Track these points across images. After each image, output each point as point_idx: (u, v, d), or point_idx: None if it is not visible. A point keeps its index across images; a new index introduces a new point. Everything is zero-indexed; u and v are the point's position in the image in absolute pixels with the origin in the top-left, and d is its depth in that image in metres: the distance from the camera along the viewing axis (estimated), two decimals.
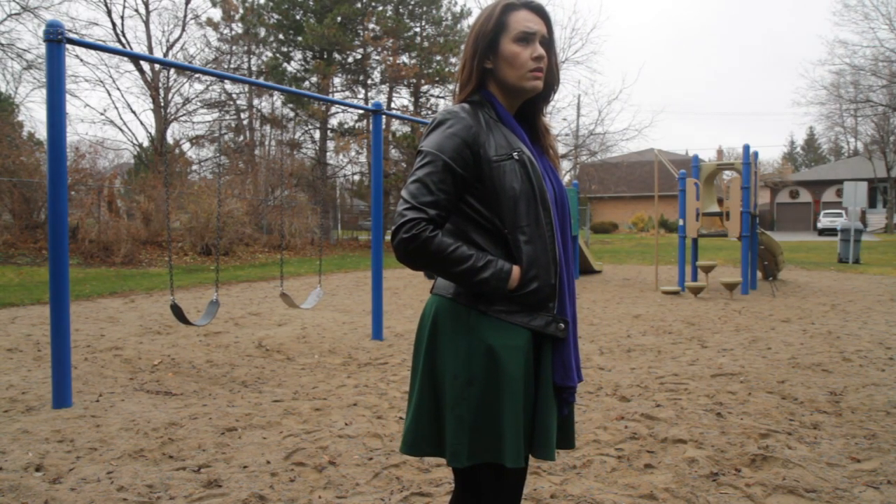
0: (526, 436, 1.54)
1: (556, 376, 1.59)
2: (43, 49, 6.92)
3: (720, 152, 47.93)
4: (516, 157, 1.54)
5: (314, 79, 25.03)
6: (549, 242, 1.56)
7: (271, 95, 26.44)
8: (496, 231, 1.54)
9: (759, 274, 12.42)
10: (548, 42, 1.63)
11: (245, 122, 27.15)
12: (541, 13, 1.62)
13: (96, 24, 30.96)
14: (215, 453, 3.23)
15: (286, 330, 6.97)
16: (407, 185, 1.50)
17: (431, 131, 1.55)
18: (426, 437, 1.56)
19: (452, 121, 1.54)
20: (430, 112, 26.83)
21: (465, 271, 1.47)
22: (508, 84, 1.60)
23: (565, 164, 31.05)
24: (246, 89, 25.78)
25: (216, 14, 27.13)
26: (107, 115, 28.67)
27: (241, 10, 25.11)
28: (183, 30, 25.06)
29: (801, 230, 42.05)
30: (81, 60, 23.56)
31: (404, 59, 25.61)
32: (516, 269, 1.52)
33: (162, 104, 23.13)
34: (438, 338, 1.55)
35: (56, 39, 3.97)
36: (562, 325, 1.56)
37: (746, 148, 10.42)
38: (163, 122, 23.13)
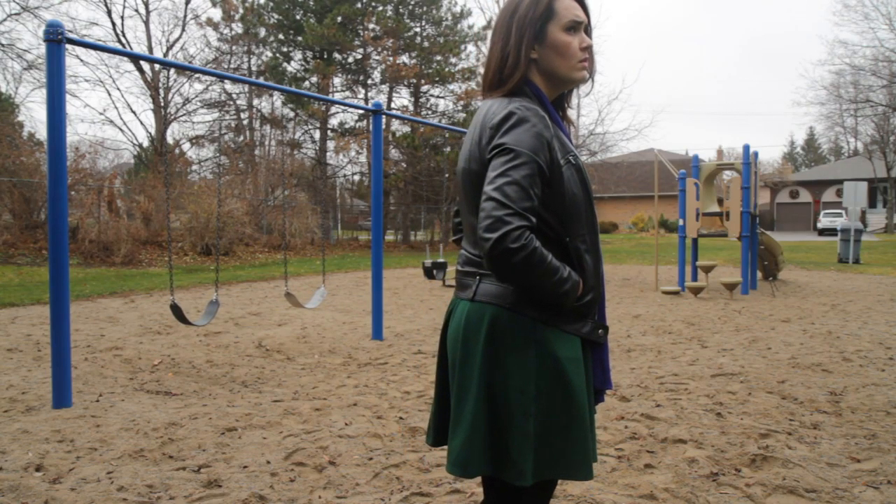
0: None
1: (595, 380, 1.58)
2: (43, 49, 6.92)
3: (720, 152, 47.89)
4: (572, 161, 1.47)
5: (314, 79, 25.03)
6: (599, 251, 1.53)
7: (271, 95, 26.44)
8: (557, 239, 1.46)
9: (759, 274, 12.42)
10: (589, 32, 1.57)
11: (245, 122, 27.15)
12: (583, 2, 1.55)
13: (96, 24, 30.95)
14: (215, 453, 3.23)
15: (286, 330, 6.97)
16: (500, 185, 1.33)
17: (514, 126, 1.38)
18: (481, 456, 1.44)
19: (535, 119, 1.40)
20: (430, 112, 26.84)
21: (555, 283, 1.38)
22: (558, 74, 1.52)
23: None
24: (246, 89, 25.77)
25: (216, 14, 27.12)
26: (107, 115, 28.73)
27: (241, 10, 25.10)
28: (183, 30, 25.05)
29: (801, 230, 42.04)
30: (81, 60, 23.57)
31: (404, 59, 25.61)
32: (580, 281, 1.47)
33: (162, 104, 23.12)
34: (500, 351, 1.44)
35: (56, 39, 3.97)
36: (601, 332, 1.55)
37: (746, 148, 10.42)
38: (163, 122, 23.12)
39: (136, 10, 23.45)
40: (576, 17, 1.50)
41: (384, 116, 9.35)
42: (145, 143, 24.98)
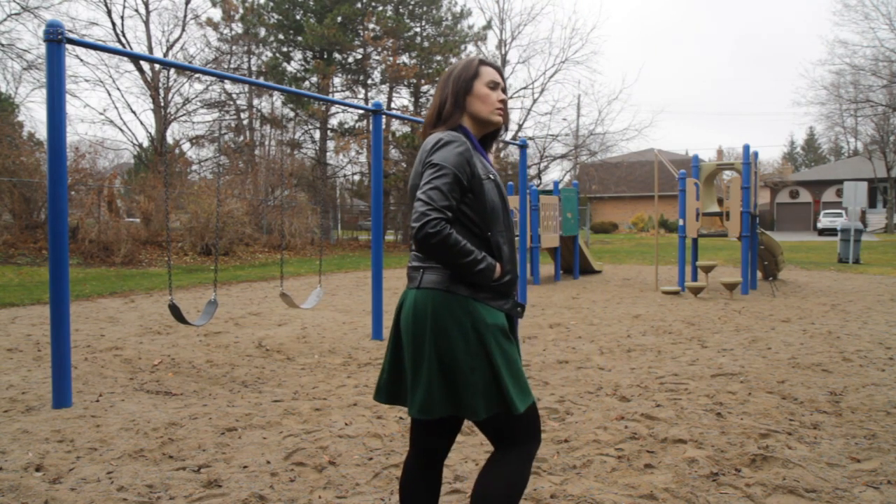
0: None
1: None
2: (43, 49, 6.92)
3: (720, 152, 47.92)
4: (492, 178, 1.98)
5: (314, 79, 25.02)
6: (514, 244, 2.03)
7: (271, 95, 26.42)
8: (480, 234, 1.93)
9: (759, 274, 12.42)
10: (505, 91, 2.14)
11: (245, 122, 27.13)
12: (501, 72, 2.13)
13: (96, 24, 30.84)
14: (215, 453, 3.23)
15: (286, 330, 6.97)
16: (425, 190, 1.82)
17: (440, 148, 1.88)
18: (438, 402, 1.87)
19: (458, 143, 1.90)
20: None
21: (469, 262, 1.83)
22: (480, 117, 2.04)
23: (565, 164, 31.14)
24: (246, 89, 25.75)
25: (216, 14, 27.10)
26: (107, 115, 28.56)
27: (241, 10, 25.09)
28: (183, 30, 24.95)
29: (801, 230, 42.04)
30: (81, 60, 23.49)
31: (404, 59, 25.61)
32: (498, 265, 1.92)
33: (162, 104, 23.10)
34: (443, 324, 1.86)
35: (56, 39, 3.97)
36: (519, 309, 2.00)
37: (746, 148, 10.42)
38: (163, 122, 23.11)
39: (136, 10, 23.43)
40: (494, 78, 2.07)
41: (384, 116, 9.35)
42: (145, 143, 24.98)
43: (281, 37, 25.85)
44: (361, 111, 22.93)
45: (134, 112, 39.79)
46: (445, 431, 2.05)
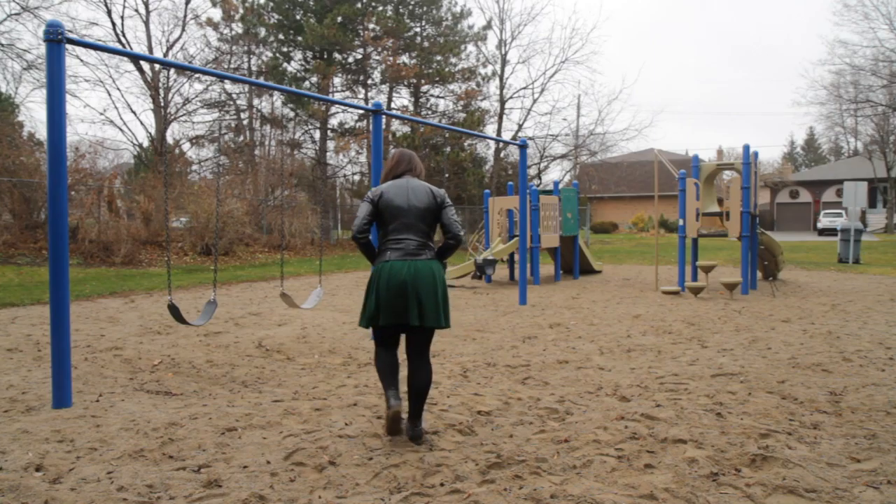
0: None
1: None
2: (43, 49, 6.92)
3: (720, 152, 47.86)
4: None
5: (314, 79, 25.02)
6: None
7: (271, 95, 26.42)
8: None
9: (759, 274, 12.41)
10: None
11: (245, 122, 27.12)
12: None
13: (96, 24, 30.71)
14: (215, 453, 3.23)
15: (286, 330, 6.97)
16: (455, 217, 3.58)
17: (446, 195, 3.58)
18: (442, 317, 3.44)
19: None
20: (430, 112, 26.84)
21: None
22: None
23: (565, 164, 31.18)
24: (246, 89, 25.75)
25: (216, 14, 27.06)
26: (107, 115, 28.49)
27: (241, 10, 25.09)
28: (183, 30, 24.88)
29: (801, 230, 42.02)
30: (81, 60, 23.47)
31: (404, 59, 25.61)
32: None
33: (162, 104, 23.09)
34: (441, 276, 3.47)
35: (56, 39, 3.97)
36: None
37: (746, 148, 10.42)
38: (163, 122, 23.09)
39: (136, 10, 23.40)
40: None
41: (384, 116, 9.35)
42: (145, 143, 24.96)
43: (281, 37, 25.85)
44: (361, 111, 22.94)
45: (134, 112, 39.75)
46: (399, 334, 3.57)
